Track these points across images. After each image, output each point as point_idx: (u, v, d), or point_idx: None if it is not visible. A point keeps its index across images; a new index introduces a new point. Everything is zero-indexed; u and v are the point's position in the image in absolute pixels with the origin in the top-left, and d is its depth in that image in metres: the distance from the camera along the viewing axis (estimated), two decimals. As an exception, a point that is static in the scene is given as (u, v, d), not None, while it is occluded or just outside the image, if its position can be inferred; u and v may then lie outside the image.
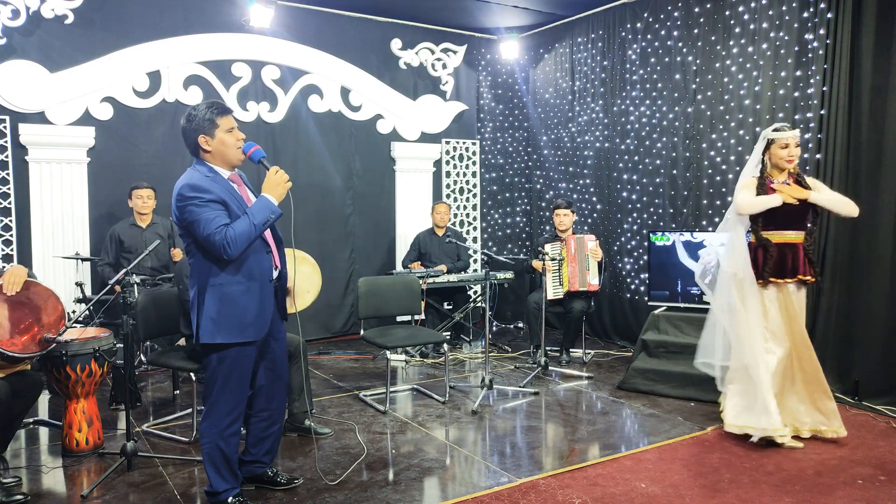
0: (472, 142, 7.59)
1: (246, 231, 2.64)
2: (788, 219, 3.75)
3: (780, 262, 3.74)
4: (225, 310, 2.72)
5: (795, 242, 3.77)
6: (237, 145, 2.79)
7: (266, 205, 2.71)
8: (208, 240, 2.63)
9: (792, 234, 3.76)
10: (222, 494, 2.88)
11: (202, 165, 2.78)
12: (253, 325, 2.77)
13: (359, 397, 4.70)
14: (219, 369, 2.79)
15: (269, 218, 2.69)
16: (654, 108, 6.08)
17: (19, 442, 3.84)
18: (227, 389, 2.81)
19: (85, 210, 5.60)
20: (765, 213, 3.72)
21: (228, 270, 2.72)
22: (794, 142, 3.74)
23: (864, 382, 4.50)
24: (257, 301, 2.78)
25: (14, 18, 5.26)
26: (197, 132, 2.75)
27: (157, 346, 5.07)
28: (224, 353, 2.77)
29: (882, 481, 3.26)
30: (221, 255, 2.64)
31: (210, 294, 2.73)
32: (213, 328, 2.72)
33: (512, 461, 3.56)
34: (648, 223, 6.17)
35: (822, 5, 4.76)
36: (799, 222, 3.78)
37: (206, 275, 2.73)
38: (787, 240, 3.76)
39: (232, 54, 6.15)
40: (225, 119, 2.77)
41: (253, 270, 2.76)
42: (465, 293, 6.49)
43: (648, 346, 4.96)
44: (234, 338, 2.73)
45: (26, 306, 3.33)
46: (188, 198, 2.65)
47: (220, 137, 2.76)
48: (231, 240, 2.61)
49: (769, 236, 3.76)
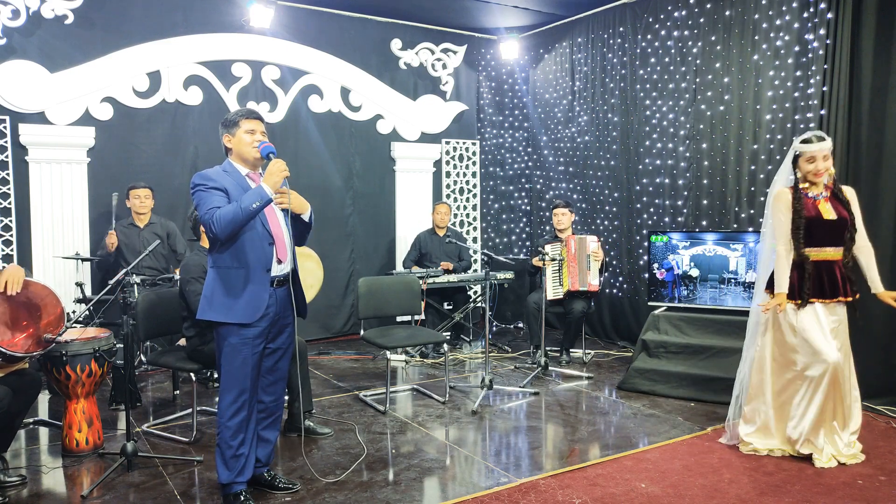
0: (472, 142, 7.59)
1: (231, 213, 2.76)
2: (830, 234, 3.48)
3: (818, 280, 3.47)
4: (217, 290, 2.89)
5: (833, 260, 3.50)
6: (253, 144, 2.95)
7: (257, 191, 2.81)
8: (202, 220, 2.83)
9: (832, 251, 3.49)
10: (227, 487, 2.94)
11: (226, 163, 3.01)
12: (243, 309, 2.86)
13: (359, 397, 4.70)
14: (220, 352, 2.92)
15: (256, 202, 2.78)
16: (655, 108, 6.08)
17: (19, 442, 3.83)
18: (229, 375, 2.89)
19: (85, 210, 5.60)
20: (804, 227, 3.46)
21: (225, 254, 2.89)
22: (822, 154, 3.45)
23: (864, 382, 4.47)
24: (248, 286, 2.87)
25: (14, 18, 5.26)
26: (223, 131, 2.99)
27: (157, 346, 5.08)
28: (222, 336, 2.89)
29: (882, 481, 3.25)
30: (209, 234, 2.81)
31: (209, 275, 2.94)
32: (206, 306, 2.91)
33: (512, 461, 3.56)
34: (648, 223, 6.17)
35: (822, 5, 4.77)
36: (839, 237, 3.49)
37: (210, 258, 2.95)
38: (827, 257, 3.49)
39: (232, 54, 6.15)
40: (248, 122, 2.96)
41: (248, 257, 2.88)
42: (465, 293, 6.49)
43: (648, 346, 4.96)
44: (221, 317, 2.87)
45: (26, 306, 3.33)
46: (196, 185, 2.87)
47: (239, 136, 2.95)
48: (216, 219, 2.76)
49: (807, 253, 3.48)
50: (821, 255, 3.50)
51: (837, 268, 3.50)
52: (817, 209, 3.49)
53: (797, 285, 3.51)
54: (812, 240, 3.50)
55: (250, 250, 2.88)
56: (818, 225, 3.47)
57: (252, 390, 2.94)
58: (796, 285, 3.51)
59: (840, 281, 3.49)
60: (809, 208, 3.50)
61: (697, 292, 5.09)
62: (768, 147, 5.19)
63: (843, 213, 3.50)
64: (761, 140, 5.23)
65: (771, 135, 5.17)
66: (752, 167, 5.30)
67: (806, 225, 3.47)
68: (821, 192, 3.53)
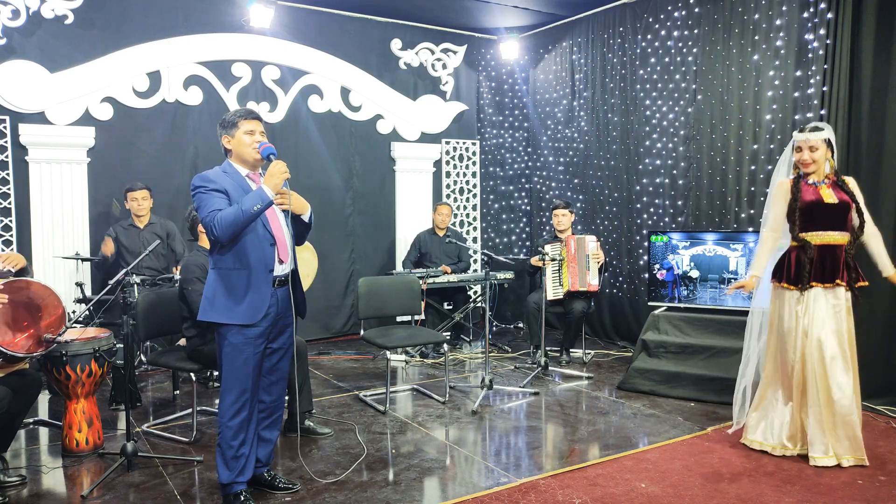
0: (472, 142, 7.59)
1: (232, 215, 2.76)
2: (830, 218, 3.49)
3: (820, 264, 3.48)
4: (219, 291, 2.89)
5: (836, 244, 3.49)
6: (252, 145, 2.95)
7: (258, 193, 2.81)
8: (203, 223, 2.83)
9: (836, 235, 3.49)
10: (227, 487, 2.94)
11: (226, 164, 3.00)
12: (244, 310, 2.86)
13: (359, 397, 4.70)
14: (221, 352, 2.91)
15: (257, 204, 2.78)
16: (655, 108, 6.08)
17: (19, 442, 3.83)
18: (230, 375, 2.89)
19: (85, 210, 5.60)
20: (803, 211, 3.50)
21: (227, 256, 2.88)
22: (807, 145, 3.51)
23: (864, 382, 4.47)
24: (250, 287, 2.88)
25: (14, 18, 5.26)
26: (221, 132, 2.99)
27: (157, 346, 5.07)
28: (223, 336, 2.89)
29: (882, 481, 3.26)
30: (210, 236, 2.81)
31: (211, 276, 2.94)
32: (207, 307, 2.91)
33: (512, 461, 3.56)
34: (648, 223, 6.17)
35: (822, 5, 4.77)
36: (841, 222, 3.50)
37: (211, 259, 2.95)
38: (830, 241, 3.49)
39: (232, 54, 6.15)
40: (246, 122, 2.95)
41: (249, 258, 2.88)
42: (465, 293, 6.50)
43: (648, 346, 4.96)
44: (223, 318, 2.87)
45: (27, 306, 3.33)
46: (196, 187, 2.87)
47: (238, 137, 2.95)
48: (217, 222, 2.76)
49: (809, 238, 3.51)
50: (824, 239, 3.50)
51: (841, 253, 3.50)
52: (818, 193, 3.52)
53: (796, 270, 3.54)
54: (814, 223, 3.52)
55: (252, 251, 2.88)
56: (819, 208, 3.50)
57: (253, 390, 2.94)
58: (794, 270, 3.54)
59: (842, 266, 3.49)
60: (810, 193, 3.53)
61: (697, 292, 5.09)
62: (768, 147, 5.18)
63: (844, 198, 3.52)
64: (761, 140, 5.23)
65: (771, 135, 5.17)
66: (752, 167, 5.30)
67: (807, 208, 3.51)
68: (822, 180, 3.56)
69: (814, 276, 3.49)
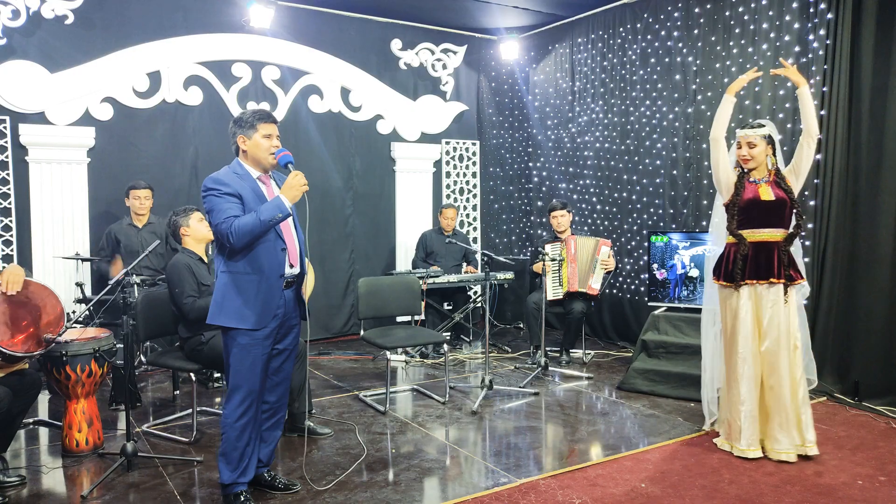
0: (473, 142, 7.59)
1: (250, 224, 2.76)
2: (766, 215, 3.54)
3: (755, 261, 3.53)
4: (229, 296, 2.87)
5: (771, 241, 3.54)
6: (270, 150, 2.93)
7: (276, 203, 2.81)
8: (217, 229, 2.81)
9: (768, 232, 3.54)
10: (228, 487, 2.93)
11: (237, 164, 2.97)
12: (255, 315, 2.86)
13: (359, 398, 4.70)
14: (229, 354, 2.90)
15: (275, 215, 2.79)
16: (654, 108, 6.08)
17: (19, 442, 3.83)
18: (238, 376, 2.89)
19: (85, 210, 5.60)
20: (741, 208, 3.56)
21: (240, 261, 2.86)
22: (745, 141, 3.57)
23: (864, 383, 4.50)
24: (262, 292, 2.87)
25: (14, 19, 5.26)
26: (237, 131, 2.94)
27: (157, 346, 5.07)
28: (231, 338, 2.88)
29: (882, 481, 3.26)
30: (225, 243, 2.80)
31: (221, 280, 2.90)
32: (217, 311, 2.88)
33: (512, 461, 3.56)
34: (648, 223, 6.17)
35: (822, 5, 4.77)
36: (778, 219, 3.55)
37: (223, 262, 2.91)
38: (763, 238, 3.54)
39: (232, 54, 6.15)
40: (265, 125, 2.93)
41: (262, 263, 2.87)
42: (464, 293, 6.49)
43: (648, 346, 4.96)
44: (233, 322, 2.86)
45: (26, 306, 3.33)
46: (209, 189, 2.84)
47: (256, 140, 2.92)
48: (235, 230, 2.75)
49: (746, 234, 3.56)
50: (756, 237, 3.56)
51: (776, 250, 3.54)
52: (756, 192, 3.58)
53: (731, 267, 3.59)
54: (749, 221, 3.58)
55: (264, 257, 2.88)
56: (755, 206, 3.56)
57: (260, 391, 2.95)
58: (731, 267, 3.58)
59: (776, 263, 3.53)
60: (749, 191, 3.59)
61: (697, 292, 5.09)
62: (768, 147, 5.18)
63: (781, 195, 3.56)
64: (761, 140, 5.23)
65: (771, 135, 5.17)
66: (752, 167, 5.30)
67: (745, 206, 3.57)
68: (763, 177, 3.61)
69: (749, 273, 3.54)
